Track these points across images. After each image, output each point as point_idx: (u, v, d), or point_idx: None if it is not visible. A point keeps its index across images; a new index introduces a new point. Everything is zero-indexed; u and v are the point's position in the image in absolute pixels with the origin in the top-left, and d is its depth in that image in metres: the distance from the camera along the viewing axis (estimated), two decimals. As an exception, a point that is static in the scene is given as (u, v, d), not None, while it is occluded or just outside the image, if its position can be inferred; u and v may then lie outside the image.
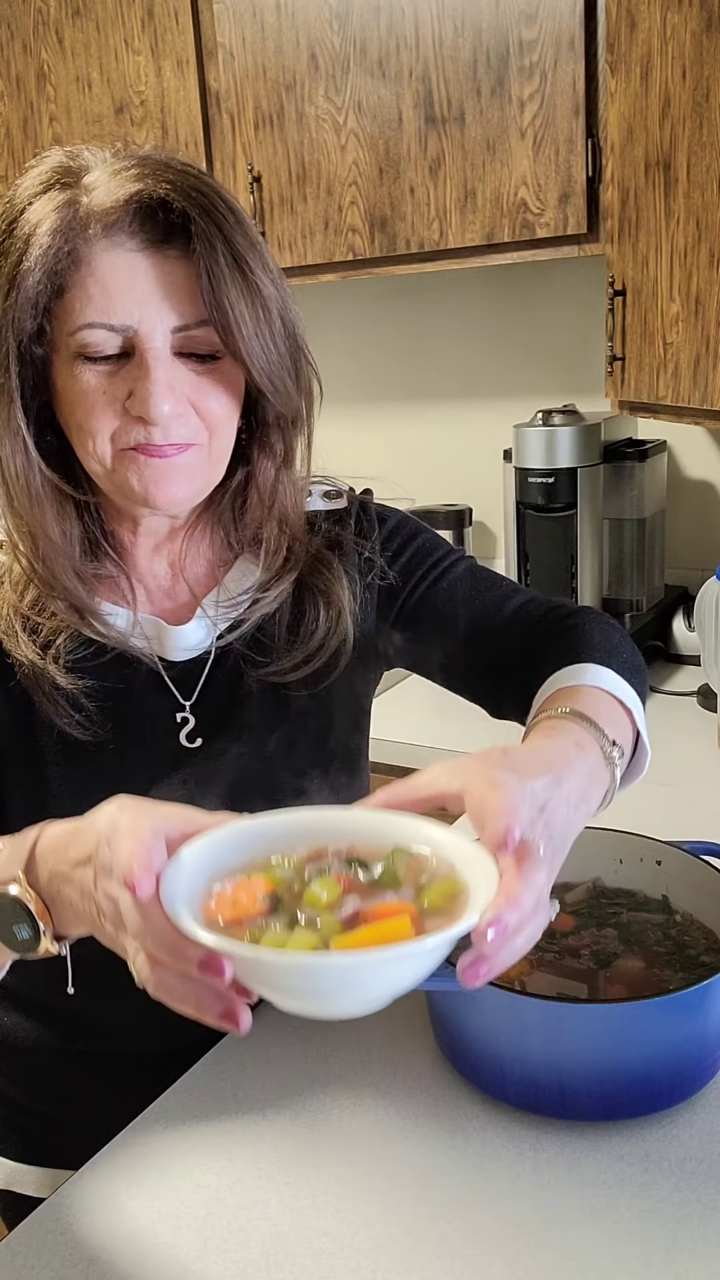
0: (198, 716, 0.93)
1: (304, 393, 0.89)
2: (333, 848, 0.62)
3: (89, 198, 0.79)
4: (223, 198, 0.81)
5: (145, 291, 0.78)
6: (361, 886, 0.59)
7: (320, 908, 0.56)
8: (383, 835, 0.63)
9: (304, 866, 0.61)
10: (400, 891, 0.59)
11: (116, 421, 0.81)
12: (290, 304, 0.86)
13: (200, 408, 0.82)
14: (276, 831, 0.64)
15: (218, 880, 0.60)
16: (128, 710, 0.90)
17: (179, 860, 0.59)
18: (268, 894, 0.58)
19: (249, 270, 0.79)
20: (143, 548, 0.93)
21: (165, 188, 0.78)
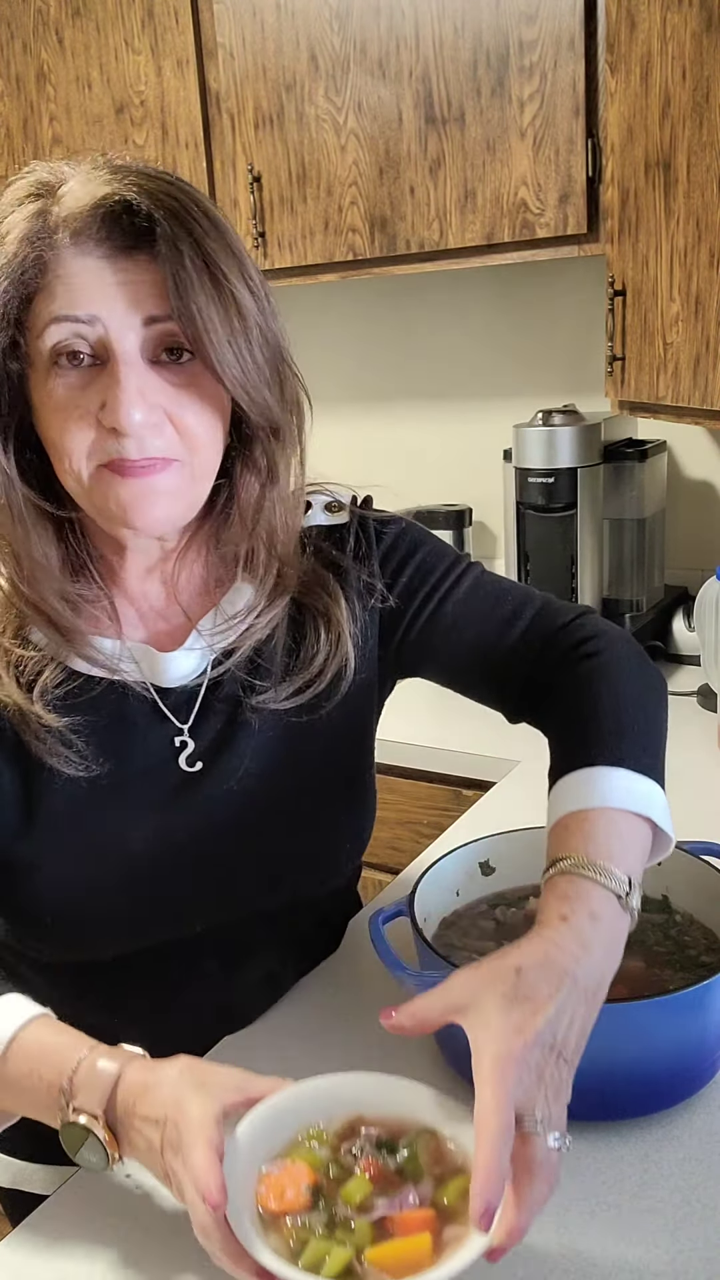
0: (197, 740, 0.90)
1: (289, 407, 0.86)
2: (364, 1126, 0.71)
3: (59, 206, 0.77)
4: (197, 203, 0.78)
5: (114, 290, 0.76)
6: (389, 1176, 0.68)
7: (354, 1206, 0.66)
8: (409, 1107, 0.72)
9: (339, 1147, 0.70)
10: (420, 1186, 0.67)
11: (91, 434, 0.78)
12: (273, 317, 0.83)
13: (177, 420, 0.79)
14: (315, 1099, 0.72)
15: (265, 1160, 0.69)
16: (124, 742, 0.88)
17: (235, 1146, 0.68)
18: (310, 1185, 0.67)
19: (221, 276, 0.77)
20: (133, 570, 0.90)
21: (133, 191, 0.76)
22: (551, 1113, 0.66)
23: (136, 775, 0.89)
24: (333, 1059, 0.94)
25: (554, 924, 0.72)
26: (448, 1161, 0.69)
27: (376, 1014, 0.99)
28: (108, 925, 0.89)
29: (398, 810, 1.69)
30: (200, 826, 0.90)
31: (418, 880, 0.95)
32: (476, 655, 0.96)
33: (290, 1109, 0.72)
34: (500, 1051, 0.65)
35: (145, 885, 0.89)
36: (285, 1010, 1.01)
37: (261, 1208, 0.67)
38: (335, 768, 0.96)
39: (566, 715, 0.88)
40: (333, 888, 1.01)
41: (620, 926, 0.74)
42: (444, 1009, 0.70)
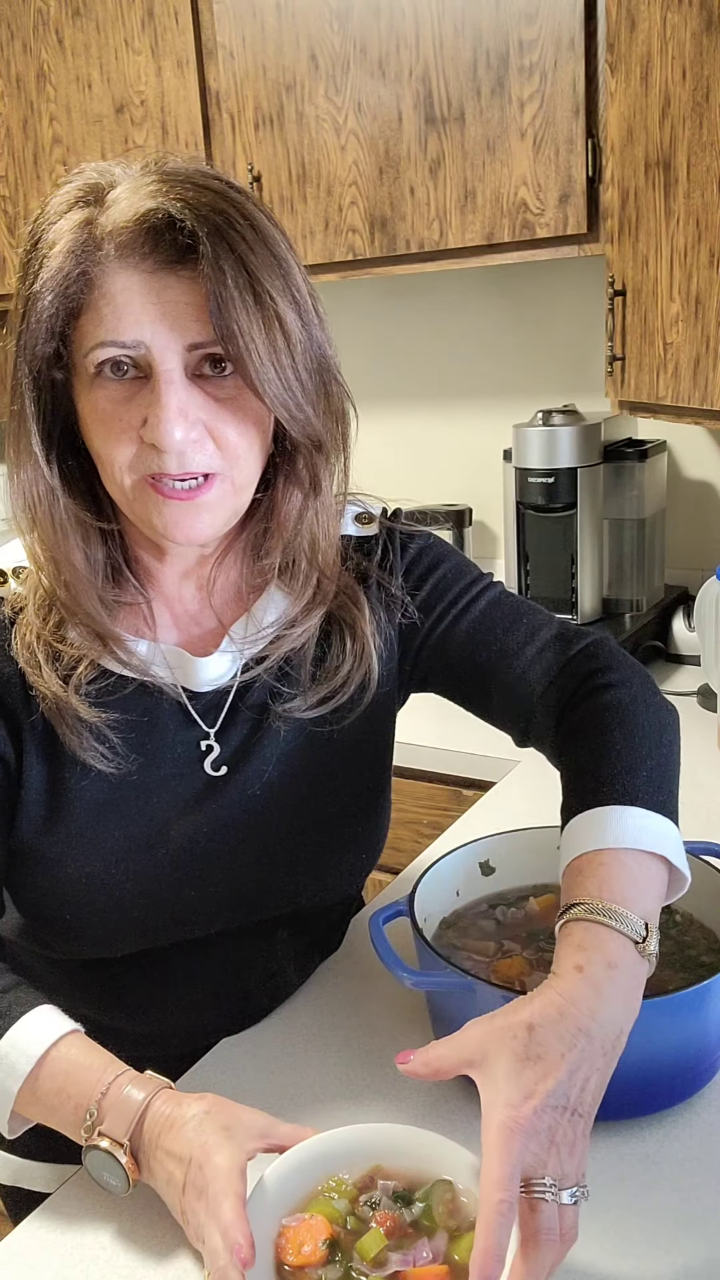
0: (222, 745, 0.91)
1: (334, 419, 0.86)
2: (382, 1179, 0.74)
3: (105, 217, 0.77)
4: (244, 213, 0.78)
5: (157, 312, 0.76)
6: (404, 1228, 0.70)
7: (368, 1260, 0.69)
8: (428, 1159, 0.74)
9: (357, 1198, 0.73)
10: (435, 1239, 0.69)
11: (133, 448, 0.79)
12: (318, 327, 0.83)
13: (217, 435, 0.80)
14: (338, 1150, 0.75)
15: (286, 1213, 0.72)
16: (152, 742, 0.89)
17: (260, 1197, 0.70)
18: (327, 1239, 0.70)
19: (262, 292, 0.77)
20: (170, 574, 0.91)
21: (178, 204, 0.75)
22: (565, 1170, 0.66)
23: (163, 776, 0.89)
24: (333, 1060, 0.94)
25: (569, 975, 0.71)
26: (462, 1215, 0.71)
27: (377, 1014, 0.99)
28: (125, 925, 0.90)
29: (398, 810, 1.69)
30: (222, 831, 0.91)
31: (418, 880, 0.95)
32: (488, 675, 0.96)
33: (313, 1160, 0.74)
34: (506, 1120, 0.64)
35: (166, 887, 0.90)
36: (285, 1010, 1.01)
37: (280, 1261, 0.69)
38: (355, 778, 0.97)
39: (578, 752, 0.87)
40: (345, 894, 1.02)
41: (638, 973, 0.73)
42: (457, 1061, 0.70)
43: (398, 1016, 0.99)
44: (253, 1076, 0.92)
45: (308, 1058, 0.94)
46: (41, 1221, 0.79)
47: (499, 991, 0.81)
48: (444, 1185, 0.73)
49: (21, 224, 2.21)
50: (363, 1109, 0.88)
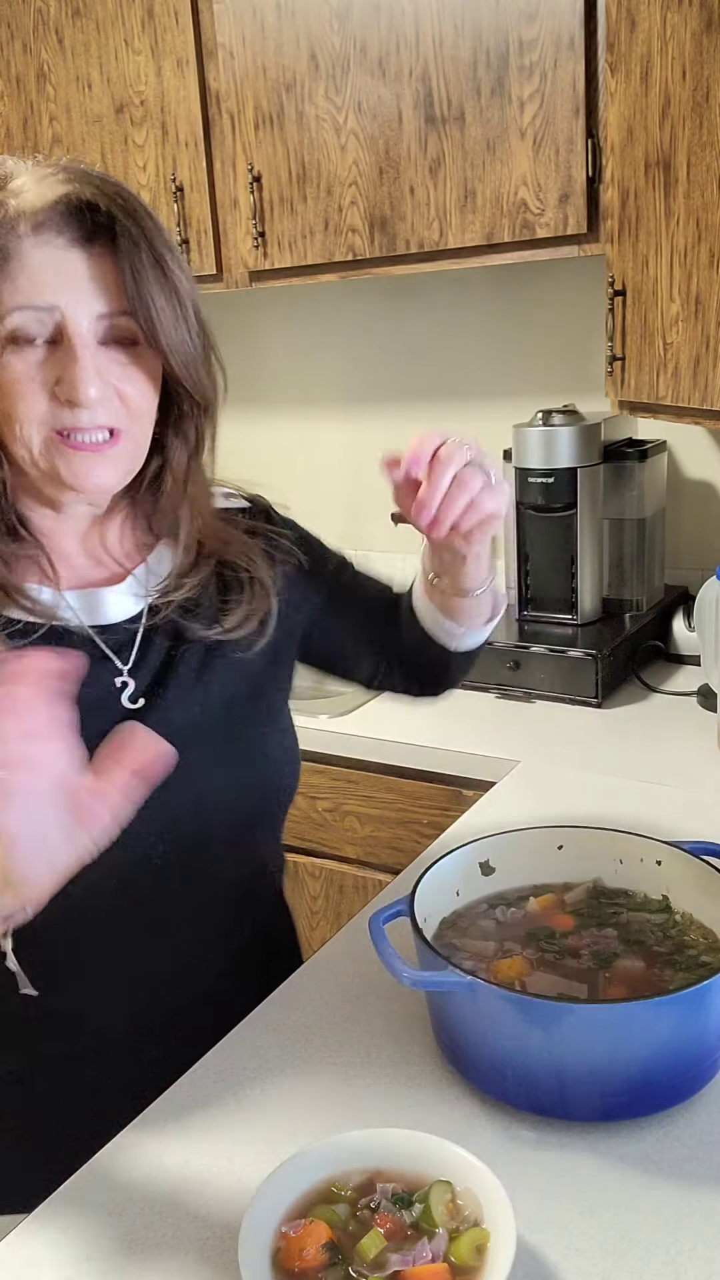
0: (136, 680, 0.96)
1: (214, 384, 0.96)
2: (381, 1182, 0.75)
3: (17, 200, 0.84)
4: (142, 204, 0.88)
5: (72, 282, 0.84)
6: (403, 1230, 0.71)
7: (368, 1262, 0.69)
8: (427, 1161, 0.75)
9: (357, 1201, 0.73)
10: (435, 1240, 0.70)
11: (45, 406, 0.86)
12: (199, 303, 0.93)
13: (123, 394, 0.88)
14: (338, 1155, 0.76)
15: (286, 1219, 0.72)
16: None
17: (263, 1201, 0.72)
18: (327, 1242, 0.70)
19: (167, 269, 0.87)
20: (65, 533, 0.97)
21: (91, 191, 0.85)
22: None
23: (81, 707, 0.88)
24: (332, 1060, 0.94)
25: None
26: (462, 1215, 0.72)
27: (376, 1013, 0.99)
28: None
29: (398, 810, 1.70)
30: None
31: (418, 880, 0.95)
32: (373, 613, 1.15)
33: (312, 1166, 0.75)
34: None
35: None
36: (284, 1010, 1.01)
37: (281, 1267, 0.69)
38: (262, 701, 1.04)
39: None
40: (268, 821, 1.07)
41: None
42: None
43: (398, 1016, 0.99)
44: (252, 1077, 0.93)
45: (307, 1058, 0.94)
46: (41, 1222, 0.79)
47: (499, 991, 0.81)
48: (443, 1186, 0.73)
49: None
50: (362, 1109, 0.88)
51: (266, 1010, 1.02)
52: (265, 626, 1.02)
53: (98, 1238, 0.78)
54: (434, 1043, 0.94)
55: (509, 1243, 0.68)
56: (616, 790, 1.45)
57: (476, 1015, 0.83)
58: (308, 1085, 0.91)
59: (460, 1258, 0.69)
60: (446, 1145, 0.75)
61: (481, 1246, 0.70)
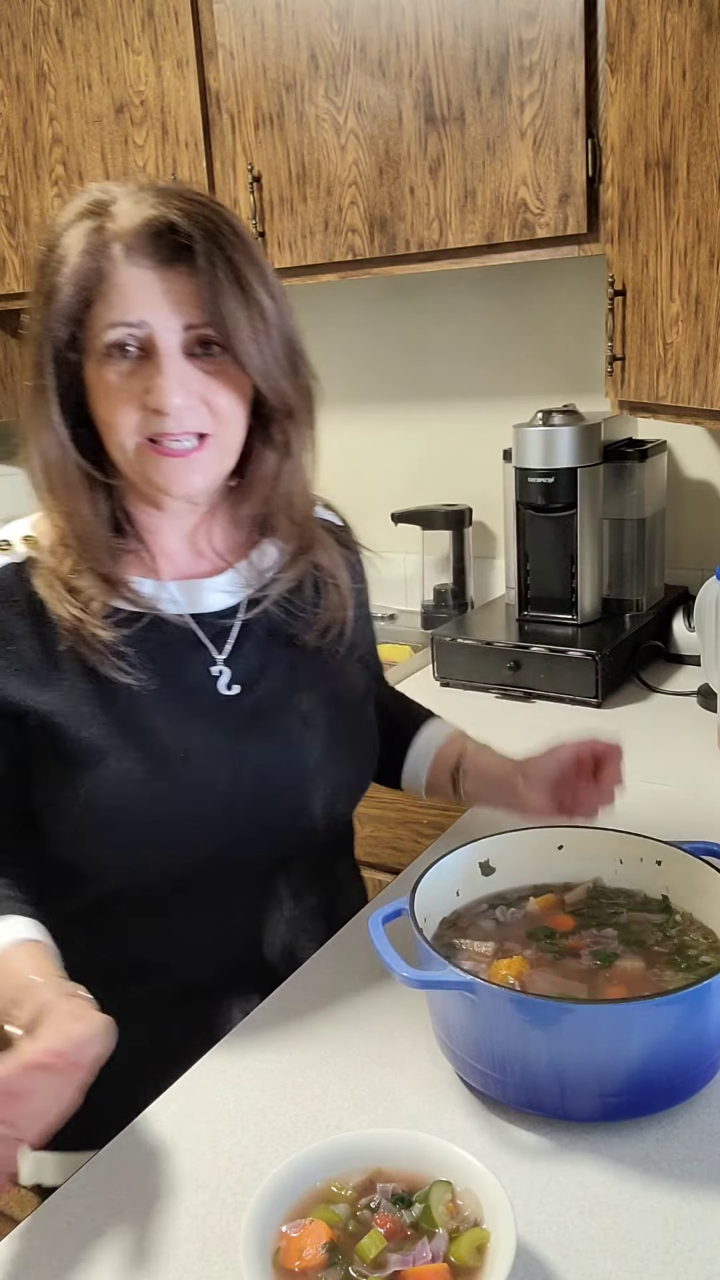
0: (233, 669, 1.05)
1: (301, 392, 1.02)
2: (381, 1182, 0.75)
3: (113, 223, 0.93)
4: (227, 221, 0.95)
5: (158, 299, 0.92)
6: (403, 1230, 0.72)
7: (368, 1262, 0.70)
8: (427, 1161, 0.75)
9: (357, 1201, 0.74)
10: (435, 1239, 0.70)
11: (136, 415, 0.94)
12: (289, 316, 0.99)
13: (209, 402, 0.95)
14: (337, 1156, 0.76)
15: (286, 1219, 0.72)
16: (167, 664, 1.01)
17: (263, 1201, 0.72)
18: (327, 1242, 0.70)
19: (246, 285, 0.93)
20: (168, 530, 1.05)
21: (176, 214, 0.92)
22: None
23: (180, 690, 1.02)
24: (332, 1060, 0.94)
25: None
26: (462, 1215, 0.72)
27: (376, 1013, 0.99)
28: (159, 831, 0.99)
29: (398, 810, 1.69)
30: (241, 740, 1.03)
31: (418, 880, 0.95)
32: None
33: (312, 1166, 0.76)
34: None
35: (194, 788, 1.00)
36: (283, 1010, 1.01)
37: (280, 1268, 0.69)
38: (350, 698, 1.12)
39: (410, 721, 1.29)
40: (344, 810, 1.14)
41: None
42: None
43: (398, 1016, 0.99)
44: (252, 1077, 0.93)
45: (307, 1058, 0.95)
46: (41, 1221, 0.79)
47: (499, 991, 0.81)
48: (443, 1186, 0.73)
49: (21, 224, 2.22)
50: (362, 1110, 0.88)
51: (267, 1010, 1.02)
52: (345, 630, 1.12)
53: (98, 1238, 0.78)
54: (434, 1043, 0.94)
55: (509, 1243, 0.68)
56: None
57: (476, 1015, 0.83)
58: (308, 1085, 0.91)
59: (460, 1258, 0.69)
60: (446, 1145, 0.75)
61: (481, 1246, 0.70)
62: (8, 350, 2.50)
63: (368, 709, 1.16)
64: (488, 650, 1.87)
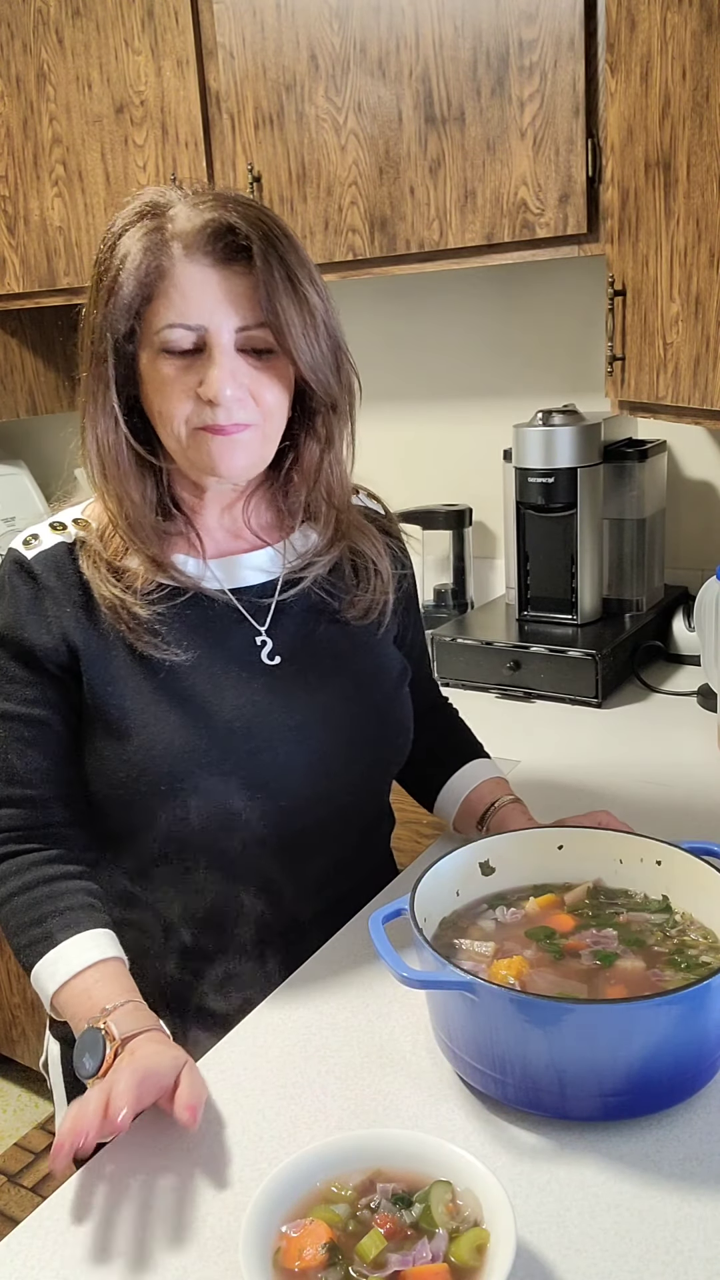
0: (275, 640, 1.10)
1: (344, 387, 1.08)
2: (382, 1182, 0.75)
3: (173, 224, 0.98)
4: (279, 224, 1.00)
5: (215, 299, 0.97)
6: (403, 1230, 0.72)
7: (368, 1262, 0.70)
8: (427, 1161, 0.76)
9: (357, 1201, 0.74)
10: (435, 1240, 0.70)
11: (189, 405, 0.99)
12: (333, 314, 1.05)
13: (256, 395, 1.00)
14: (337, 1157, 0.76)
15: (285, 1219, 0.73)
16: (210, 635, 1.07)
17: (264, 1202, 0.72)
18: (327, 1242, 0.71)
19: (299, 283, 0.99)
20: (210, 510, 1.10)
21: (234, 216, 0.97)
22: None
23: (223, 660, 1.07)
24: (332, 1060, 0.94)
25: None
26: (462, 1215, 0.72)
27: (376, 1013, 0.99)
28: (198, 796, 1.03)
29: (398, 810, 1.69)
30: (282, 707, 1.08)
31: (418, 880, 0.95)
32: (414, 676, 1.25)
33: (313, 1167, 0.76)
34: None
35: (236, 755, 1.04)
36: (284, 1010, 1.01)
37: (280, 1268, 0.70)
38: (386, 676, 1.17)
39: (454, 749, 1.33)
40: (381, 783, 1.21)
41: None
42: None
43: (398, 1016, 0.99)
44: (252, 1077, 0.93)
45: (307, 1058, 0.95)
46: (41, 1221, 0.79)
47: (499, 991, 0.81)
48: (443, 1186, 0.73)
49: (21, 224, 2.22)
50: (362, 1110, 0.88)
51: (267, 1010, 1.02)
52: (385, 613, 1.17)
53: (98, 1238, 0.78)
54: (434, 1043, 0.94)
55: (509, 1243, 0.68)
56: (616, 790, 1.45)
57: (476, 1015, 0.83)
58: (308, 1085, 0.91)
59: (460, 1258, 0.69)
60: (446, 1145, 0.75)
61: (481, 1246, 0.70)
62: (8, 350, 2.50)
63: (403, 688, 1.19)
64: (488, 650, 1.87)
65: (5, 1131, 2.37)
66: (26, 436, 2.88)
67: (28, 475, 2.67)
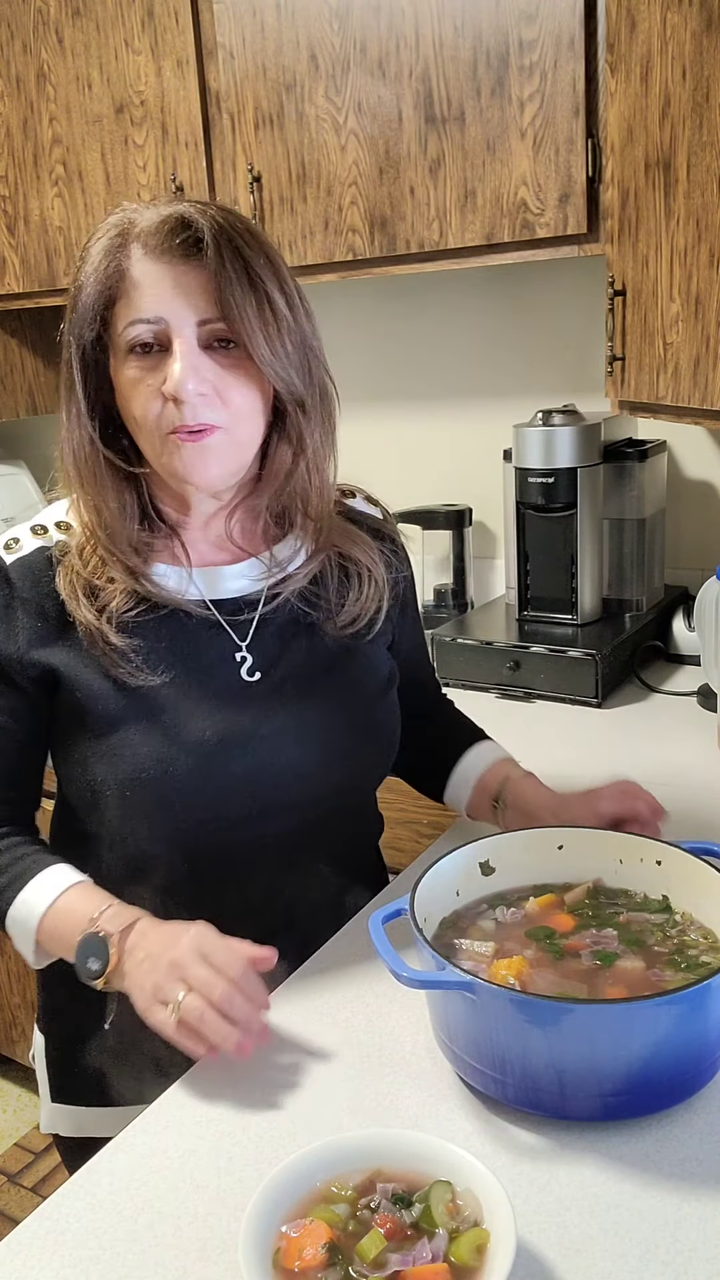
0: (255, 656, 1.08)
1: (316, 390, 1.05)
2: (382, 1182, 0.75)
3: (134, 228, 0.98)
4: (241, 220, 1.00)
5: (173, 293, 0.96)
6: (403, 1230, 0.72)
7: (368, 1262, 0.70)
8: (427, 1161, 0.75)
9: (357, 1201, 0.74)
10: (435, 1240, 0.70)
11: (158, 406, 0.97)
12: (305, 317, 1.03)
13: (223, 395, 0.98)
14: (336, 1157, 0.76)
15: (285, 1220, 0.72)
16: (188, 652, 1.05)
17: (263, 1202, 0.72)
18: (328, 1242, 0.70)
19: (256, 280, 0.97)
20: (194, 523, 1.09)
21: (191, 212, 0.97)
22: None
23: (199, 677, 1.06)
24: (332, 1060, 0.94)
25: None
26: (462, 1215, 0.72)
27: (376, 1013, 0.99)
28: (175, 811, 1.03)
29: (398, 810, 1.69)
30: (261, 721, 1.06)
31: (418, 880, 0.95)
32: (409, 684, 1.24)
33: (313, 1167, 0.76)
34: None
35: (217, 763, 1.04)
36: (283, 1009, 1.01)
37: (280, 1268, 0.69)
38: (371, 682, 1.15)
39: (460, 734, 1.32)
40: (366, 791, 1.20)
41: None
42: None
43: (398, 1016, 0.99)
44: (252, 1077, 0.93)
45: (307, 1058, 0.95)
46: (41, 1221, 0.79)
47: (499, 991, 0.81)
48: (443, 1186, 0.73)
49: (21, 224, 2.22)
50: (362, 1110, 0.88)
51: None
52: (376, 619, 1.14)
53: (98, 1238, 0.78)
54: (434, 1043, 0.94)
55: (509, 1243, 0.68)
56: (616, 790, 1.45)
57: (476, 1015, 0.83)
58: (308, 1085, 0.91)
59: (460, 1258, 0.69)
60: (446, 1145, 0.75)
61: (481, 1246, 0.70)
62: (8, 350, 2.50)
63: (389, 695, 1.17)
64: (488, 650, 1.87)
65: (5, 1131, 2.37)
66: (26, 436, 2.88)
67: (28, 475, 2.67)
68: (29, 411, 2.56)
